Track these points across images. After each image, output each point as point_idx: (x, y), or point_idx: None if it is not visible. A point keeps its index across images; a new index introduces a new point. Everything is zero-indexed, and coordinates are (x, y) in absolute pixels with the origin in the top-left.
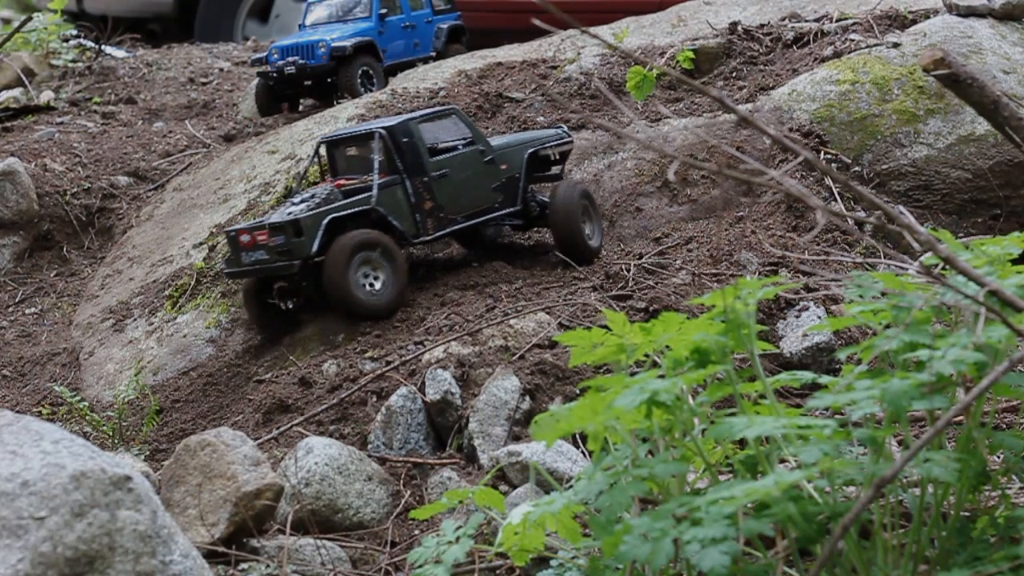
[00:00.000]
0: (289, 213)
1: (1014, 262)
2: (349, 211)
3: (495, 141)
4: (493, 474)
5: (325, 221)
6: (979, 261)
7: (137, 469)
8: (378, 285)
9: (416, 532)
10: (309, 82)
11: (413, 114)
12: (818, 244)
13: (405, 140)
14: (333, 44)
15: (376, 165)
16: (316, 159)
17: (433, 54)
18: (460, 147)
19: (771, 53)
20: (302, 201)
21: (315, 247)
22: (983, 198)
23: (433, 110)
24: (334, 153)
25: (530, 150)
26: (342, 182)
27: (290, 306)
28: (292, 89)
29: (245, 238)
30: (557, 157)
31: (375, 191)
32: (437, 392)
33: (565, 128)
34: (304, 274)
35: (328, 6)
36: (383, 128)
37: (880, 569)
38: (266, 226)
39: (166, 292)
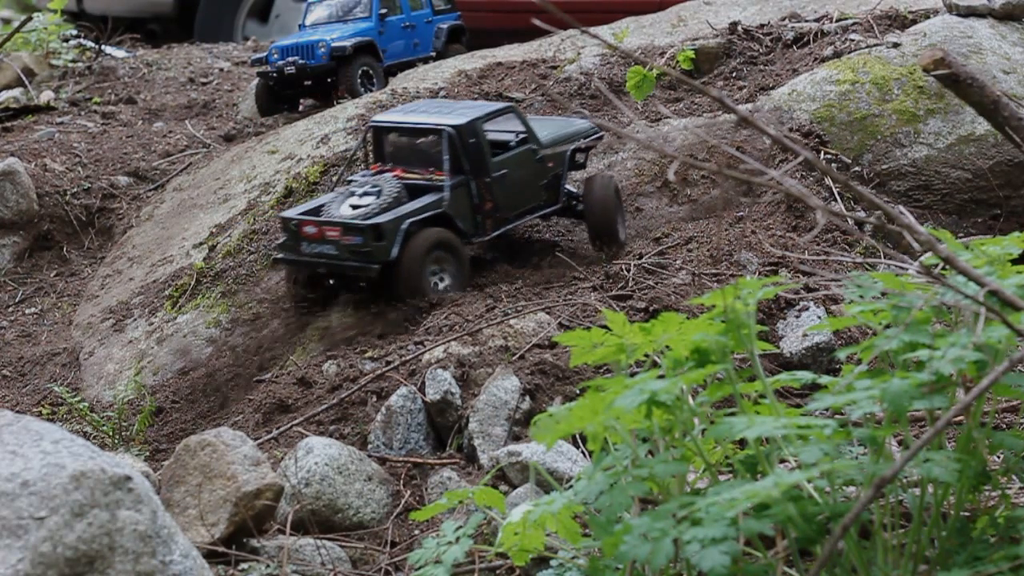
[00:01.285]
0: (356, 207)
1: (1014, 262)
2: (425, 215)
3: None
4: (493, 474)
5: (404, 226)
6: (979, 261)
7: (137, 469)
8: (444, 284)
9: (416, 532)
10: (309, 82)
11: (477, 112)
12: (818, 244)
13: (472, 140)
14: (333, 44)
15: (446, 165)
16: (363, 144)
17: (433, 54)
18: (512, 144)
19: (771, 53)
20: (366, 194)
21: (395, 252)
22: (983, 198)
23: (495, 108)
24: (382, 139)
25: (572, 147)
26: (400, 173)
27: (331, 283)
28: (292, 89)
29: (310, 229)
30: (582, 147)
31: (447, 193)
32: (437, 392)
33: (590, 118)
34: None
35: (328, 6)
36: (452, 127)
37: (880, 569)
38: (341, 224)
39: (166, 292)
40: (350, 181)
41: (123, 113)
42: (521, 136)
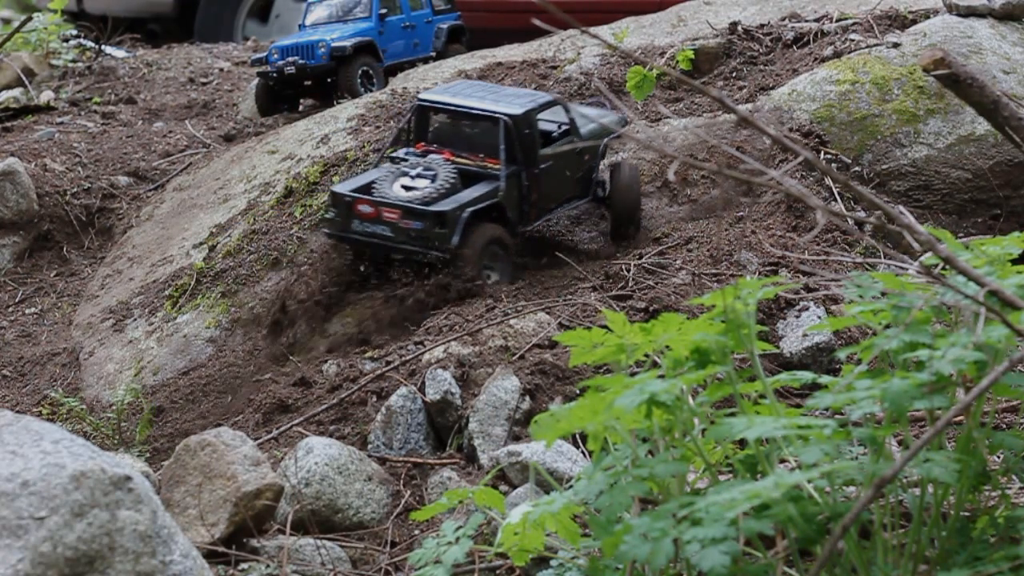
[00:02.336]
0: (408, 188)
1: (1014, 262)
2: (483, 204)
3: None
4: (493, 474)
5: (465, 215)
6: (979, 261)
7: (137, 469)
8: (493, 279)
9: (416, 532)
10: (309, 82)
11: (531, 102)
12: (818, 244)
13: (527, 131)
14: (333, 44)
15: (503, 154)
16: (409, 124)
17: (433, 54)
18: (555, 135)
19: (771, 53)
20: (419, 176)
21: (456, 240)
22: (983, 198)
23: (546, 99)
24: (427, 118)
25: (606, 139)
26: (450, 156)
27: (369, 267)
28: (292, 89)
29: (366, 208)
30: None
31: (503, 183)
32: (437, 392)
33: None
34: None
35: (328, 6)
36: (509, 117)
37: (880, 569)
38: (402, 208)
39: (166, 292)
40: (394, 158)
41: (123, 113)
42: (564, 128)
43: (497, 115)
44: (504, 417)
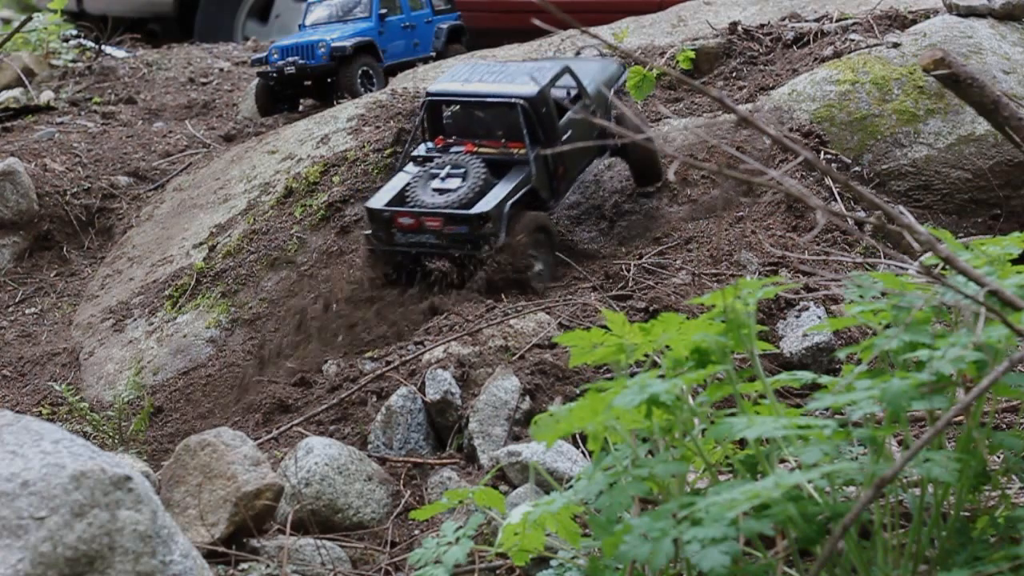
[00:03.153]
0: (441, 191)
1: (1014, 262)
2: (519, 193)
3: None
4: (493, 474)
5: (506, 209)
6: (979, 261)
7: (137, 469)
8: (536, 269)
9: (416, 532)
10: (309, 82)
11: (542, 78)
12: (818, 244)
13: (544, 110)
14: (333, 44)
15: (527, 138)
16: (422, 121)
17: (433, 54)
18: (567, 103)
19: (771, 53)
20: (450, 176)
21: (503, 236)
22: (983, 198)
23: (556, 72)
24: (439, 111)
25: (612, 90)
26: (472, 148)
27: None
28: (292, 89)
29: (407, 220)
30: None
31: (532, 167)
32: (437, 392)
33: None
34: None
35: (328, 6)
36: (525, 99)
37: (880, 569)
38: (443, 215)
39: (166, 292)
40: (416, 158)
41: (123, 113)
42: (574, 93)
43: (512, 99)
44: (504, 417)
